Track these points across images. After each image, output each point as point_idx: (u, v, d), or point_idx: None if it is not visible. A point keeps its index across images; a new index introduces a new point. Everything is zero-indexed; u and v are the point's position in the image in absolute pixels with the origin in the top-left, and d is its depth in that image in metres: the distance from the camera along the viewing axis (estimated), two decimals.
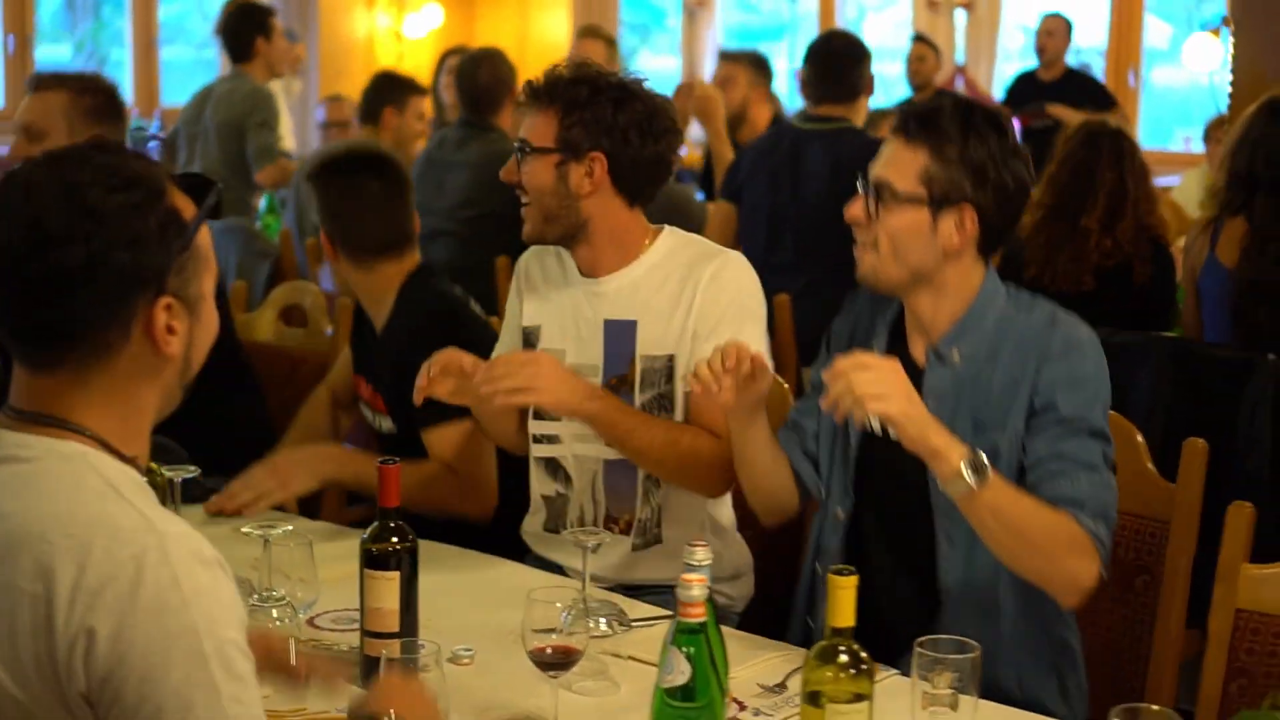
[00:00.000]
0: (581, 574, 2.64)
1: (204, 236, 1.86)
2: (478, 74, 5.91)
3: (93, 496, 1.76)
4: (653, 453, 2.93)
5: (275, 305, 4.47)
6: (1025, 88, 8.78)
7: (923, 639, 2.18)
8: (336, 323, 4.29)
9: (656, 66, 15.58)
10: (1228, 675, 2.52)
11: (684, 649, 2.03)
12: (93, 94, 3.89)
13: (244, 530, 2.88)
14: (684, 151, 7.45)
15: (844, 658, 2.08)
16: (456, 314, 3.50)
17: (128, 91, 12.63)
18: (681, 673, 2.01)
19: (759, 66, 6.74)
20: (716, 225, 5.19)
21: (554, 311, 3.10)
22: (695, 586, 2.02)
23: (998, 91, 12.38)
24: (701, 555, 2.12)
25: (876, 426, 2.54)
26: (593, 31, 7.17)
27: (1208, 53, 9.41)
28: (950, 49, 12.46)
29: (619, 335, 3.02)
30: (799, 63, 5.30)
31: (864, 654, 2.09)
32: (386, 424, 3.57)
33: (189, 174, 1.89)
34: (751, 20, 17.58)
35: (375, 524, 2.54)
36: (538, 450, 3.16)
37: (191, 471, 3.05)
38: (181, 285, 1.82)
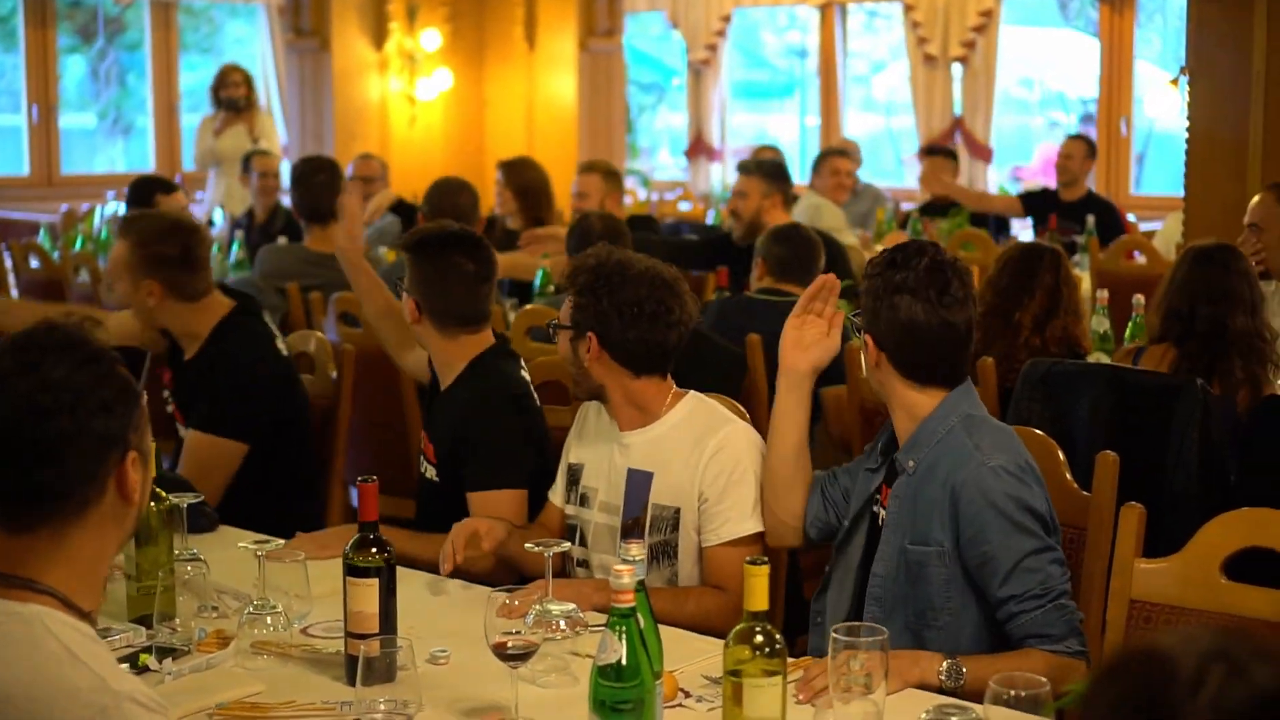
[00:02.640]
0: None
1: (143, 398, 2.13)
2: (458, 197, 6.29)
3: (51, 661, 1.94)
4: (663, 621, 3.27)
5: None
6: (1044, 205, 9.10)
7: (839, 625, 2.48)
8: (342, 368, 4.60)
9: (668, 124, 15.96)
10: None
11: (616, 631, 2.31)
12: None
13: (240, 545, 3.17)
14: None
15: (759, 638, 2.37)
16: (518, 399, 3.87)
17: (149, 156, 13.01)
18: (614, 651, 2.30)
19: (773, 177, 7.05)
20: None
21: (594, 455, 3.58)
22: (625, 576, 2.31)
23: (994, 142, 12.72)
24: (635, 550, 2.42)
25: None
26: (590, 167, 7.56)
27: (1161, 101, 9.73)
28: (948, 102, 12.80)
29: (638, 484, 3.47)
30: (807, 117, 5.60)
31: (778, 635, 2.38)
32: (431, 472, 3.91)
33: (122, 347, 2.17)
34: (758, 77, 17.91)
35: (356, 537, 2.84)
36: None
37: (194, 497, 3.35)
38: (140, 441, 2.10)
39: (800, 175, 12.77)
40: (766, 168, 7.21)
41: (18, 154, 13.25)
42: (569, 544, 3.13)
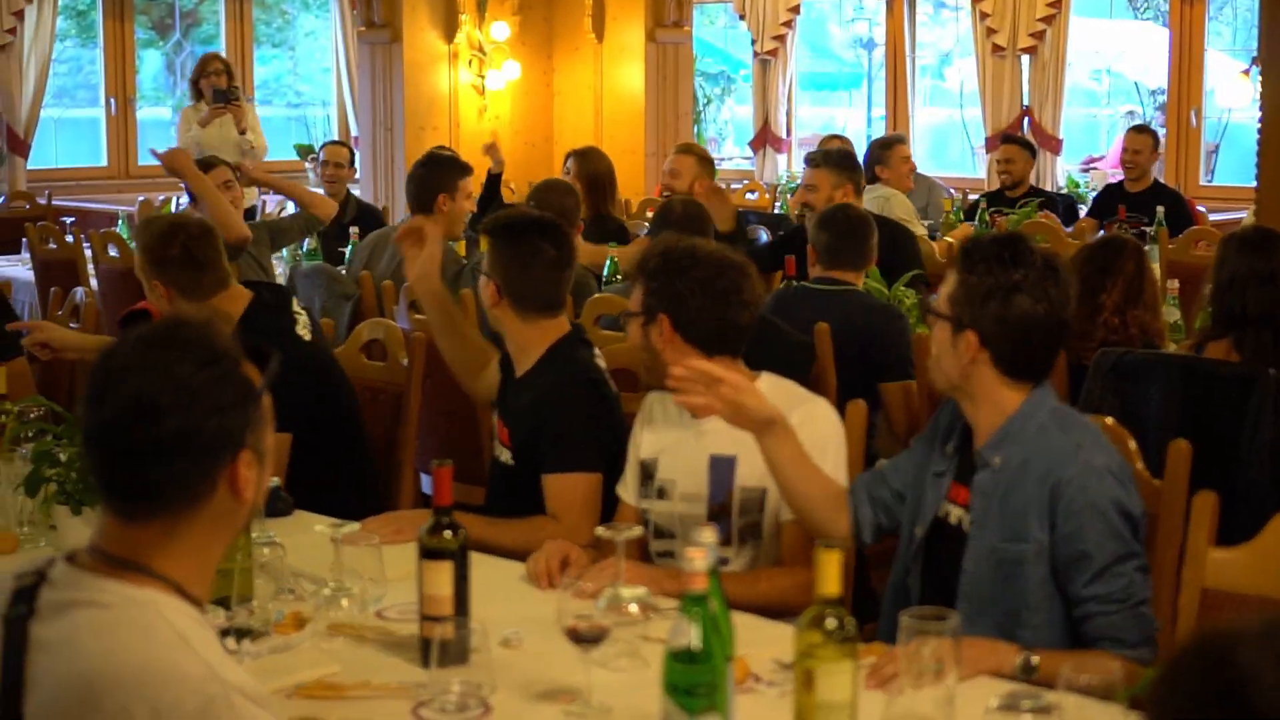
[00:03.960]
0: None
1: (267, 397, 2.16)
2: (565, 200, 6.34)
3: (163, 647, 1.98)
4: (735, 606, 3.29)
5: (357, 341, 4.85)
6: (1112, 199, 9.05)
7: (909, 610, 2.50)
8: (412, 355, 4.65)
9: (734, 115, 15.98)
10: None
11: (689, 615, 2.34)
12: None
13: (317, 529, 3.22)
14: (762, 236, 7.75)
15: (831, 623, 2.39)
16: (597, 384, 3.92)
17: None
18: (686, 635, 2.32)
19: (842, 166, 7.01)
20: None
21: (668, 447, 3.60)
22: (698, 560, 2.33)
23: (1064, 133, 12.63)
24: (707, 535, 2.44)
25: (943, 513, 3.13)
26: (687, 149, 7.56)
27: (1238, 92, 9.62)
28: (1016, 93, 12.72)
29: (721, 469, 3.51)
30: (874, 109, 5.61)
31: (850, 620, 2.40)
32: (506, 455, 3.96)
33: (252, 345, 2.18)
34: (825, 67, 17.89)
35: (431, 520, 2.88)
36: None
37: (273, 482, 3.40)
38: (256, 440, 2.12)
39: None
40: (835, 158, 7.18)
41: (96, 146, 13.43)
42: (640, 529, 3.16)
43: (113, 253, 7.86)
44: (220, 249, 4.49)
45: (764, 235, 8.02)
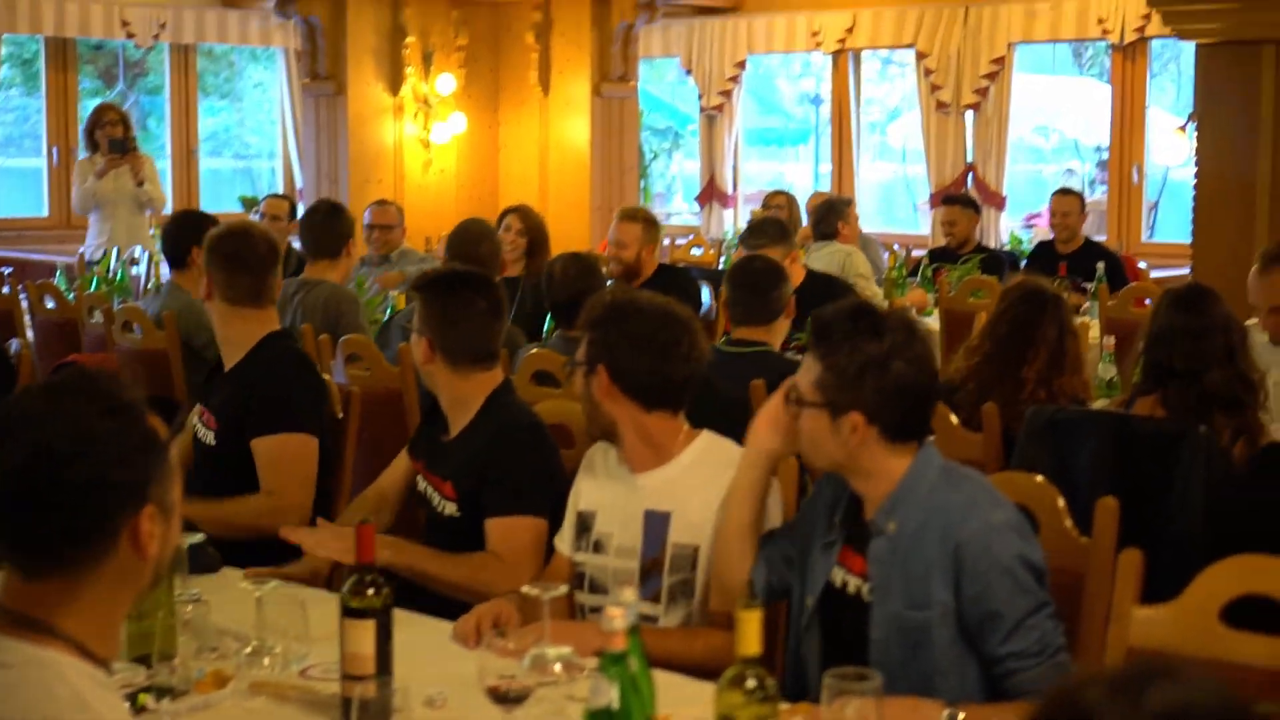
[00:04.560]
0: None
1: (173, 450, 2.13)
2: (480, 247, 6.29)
3: (64, 708, 1.95)
4: (672, 664, 3.20)
5: None
6: (1047, 258, 9.13)
7: (832, 671, 2.48)
8: (347, 409, 4.62)
9: (683, 169, 16.02)
10: None
11: (608, 675, 2.31)
12: None
13: (241, 584, 3.18)
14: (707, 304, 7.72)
15: (751, 683, 2.36)
16: (539, 429, 3.92)
17: (169, 194, 13.10)
18: (604, 695, 2.30)
19: (784, 237, 7.03)
20: None
21: (606, 500, 3.58)
22: (617, 620, 2.32)
23: (1008, 189, 12.74)
24: (628, 595, 2.42)
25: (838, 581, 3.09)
26: (632, 215, 7.51)
27: (1174, 148, 9.71)
28: (960, 149, 12.82)
29: (656, 525, 3.48)
30: (821, 164, 5.57)
31: (770, 680, 2.38)
32: (451, 508, 3.92)
33: (157, 397, 2.17)
34: (773, 123, 17.99)
35: (353, 577, 2.85)
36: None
37: (197, 537, 3.36)
38: (161, 494, 2.08)
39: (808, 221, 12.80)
40: (774, 232, 7.16)
41: (38, 196, 13.35)
42: (565, 588, 3.13)
43: (49, 304, 7.78)
44: (270, 264, 4.47)
45: (706, 291, 8.02)
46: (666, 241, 12.30)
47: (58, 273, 8.96)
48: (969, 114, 12.72)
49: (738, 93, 14.20)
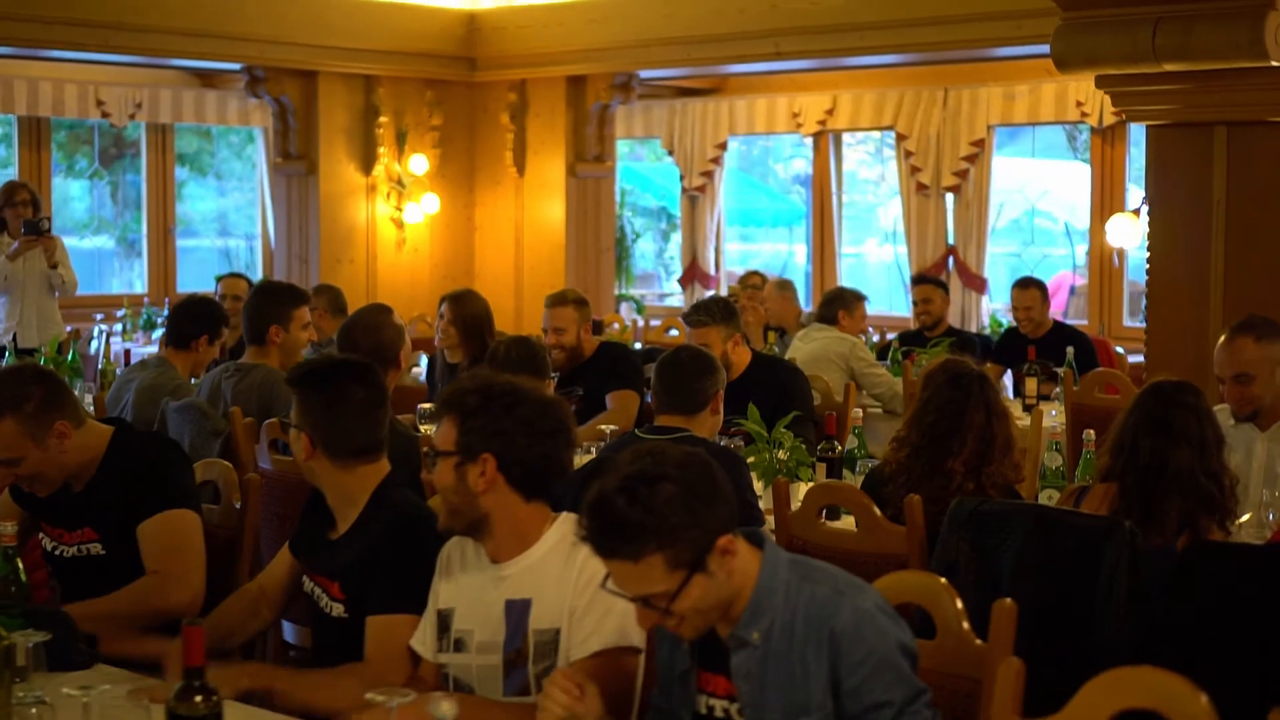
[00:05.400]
0: None
1: None
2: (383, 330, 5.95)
3: None
4: None
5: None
6: (1016, 344, 8.98)
7: None
8: (245, 497, 4.45)
9: (651, 250, 15.92)
10: None
11: None
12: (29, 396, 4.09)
13: (65, 691, 3.00)
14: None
15: None
16: (428, 523, 3.65)
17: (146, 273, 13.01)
18: None
19: (729, 318, 6.90)
20: None
21: (465, 596, 3.41)
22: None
23: (992, 271, 12.60)
24: (446, 708, 2.24)
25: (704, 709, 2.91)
26: (562, 299, 7.38)
27: (1127, 232, 9.56)
28: (941, 231, 12.71)
29: (517, 613, 3.32)
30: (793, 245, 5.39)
31: None
32: (338, 609, 3.74)
33: None
34: (754, 204, 17.91)
35: (180, 684, 2.67)
36: None
37: (41, 636, 3.18)
38: None
39: (805, 302, 12.68)
40: (719, 312, 7.01)
41: None
42: (413, 694, 2.94)
43: None
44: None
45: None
46: (640, 324, 12.20)
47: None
48: (949, 196, 12.61)
49: (719, 174, 14.11)
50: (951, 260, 12.66)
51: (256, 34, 10.86)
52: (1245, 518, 4.70)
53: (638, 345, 10.63)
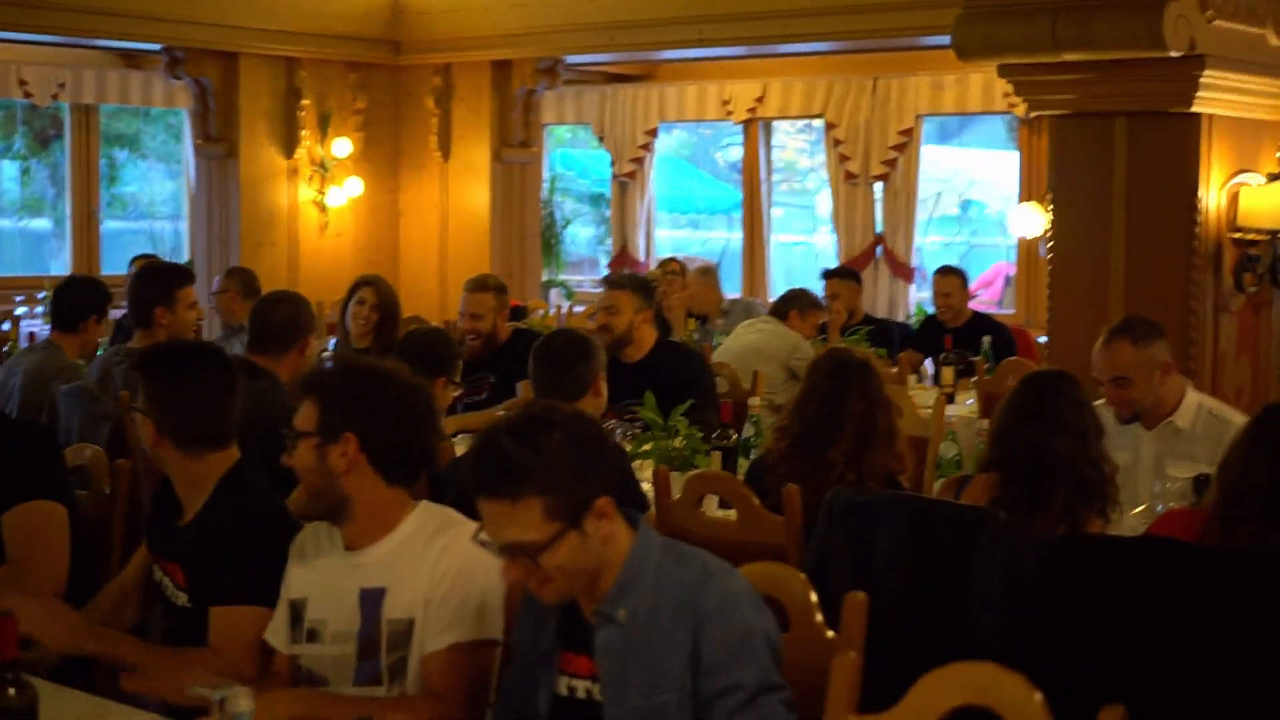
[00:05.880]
0: None
1: None
2: (275, 312, 5.81)
3: None
4: None
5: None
6: (934, 332, 8.96)
7: None
8: (115, 484, 4.36)
9: (588, 236, 15.86)
10: None
11: None
12: None
13: None
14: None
15: None
16: (274, 513, 3.61)
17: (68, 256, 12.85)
18: None
19: (645, 293, 6.87)
20: None
21: (319, 583, 3.33)
22: None
23: (917, 259, 12.60)
24: (243, 704, 2.17)
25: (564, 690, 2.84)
26: (482, 284, 7.30)
27: (1030, 221, 9.56)
28: (870, 220, 12.68)
29: (371, 602, 3.24)
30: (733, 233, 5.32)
31: None
32: (183, 598, 3.65)
33: None
34: (684, 192, 17.86)
35: None
36: None
37: None
38: None
39: (732, 287, 12.63)
40: (638, 283, 7.01)
41: None
42: (240, 687, 2.87)
43: None
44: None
45: None
46: (564, 309, 12.13)
47: None
48: (878, 185, 12.59)
49: (650, 160, 14.04)
50: (880, 249, 12.65)
51: (176, 14, 10.70)
52: (1140, 509, 4.68)
53: None
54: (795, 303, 8.66)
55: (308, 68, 11.67)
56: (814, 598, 3.08)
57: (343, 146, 11.81)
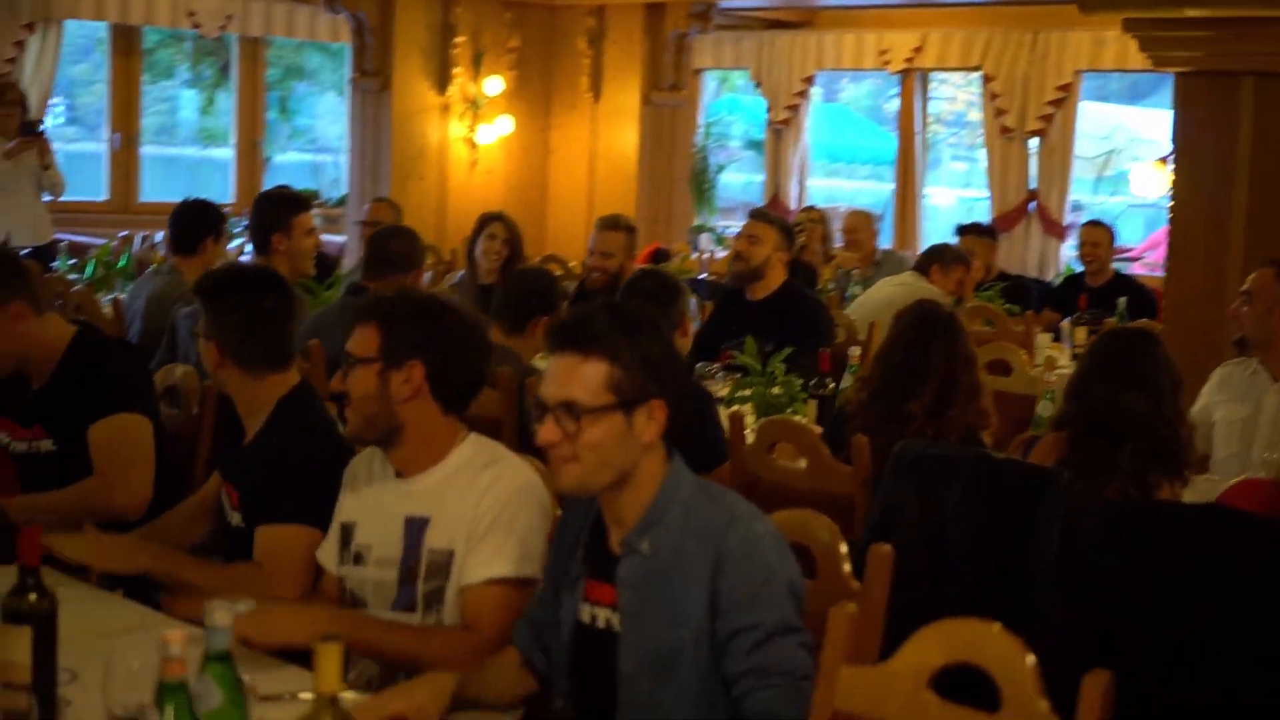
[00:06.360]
0: None
1: None
2: (391, 242, 6.06)
3: None
4: (400, 658, 3.13)
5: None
6: (1074, 290, 8.78)
7: None
8: (203, 405, 4.47)
9: (739, 181, 15.78)
10: None
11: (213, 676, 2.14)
12: None
13: None
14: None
15: None
16: (326, 436, 3.68)
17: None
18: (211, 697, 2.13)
19: (786, 232, 6.89)
20: None
21: (367, 509, 3.38)
22: (174, 645, 2.13)
23: (1070, 218, 12.35)
24: (219, 617, 2.22)
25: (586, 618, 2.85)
26: (614, 224, 7.35)
27: (1152, 181, 9.29)
28: (1024, 176, 12.46)
29: (414, 530, 3.28)
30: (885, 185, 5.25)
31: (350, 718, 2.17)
32: (237, 518, 3.75)
33: None
34: (838, 140, 17.68)
35: (16, 580, 2.67)
36: None
37: None
38: None
39: (883, 240, 12.49)
40: (782, 223, 7.01)
41: (98, 180, 13.46)
42: (251, 602, 2.93)
43: None
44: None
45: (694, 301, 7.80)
46: (707, 255, 12.10)
47: (58, 257, 8.94)
48: (1033, 140, 12.35)
49: (805, 108, 13.92)
50: (1033, 205, 12.43)
51: None
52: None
53: (702, 276, 10.58)
54: (939, 258, 8.53)
55: (463, 4, 11.77)
56: (843, 547, 3.05)
57: (495, 85, 11.89)
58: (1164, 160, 6.46)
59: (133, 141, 13.38)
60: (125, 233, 10.39)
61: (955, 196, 15.87)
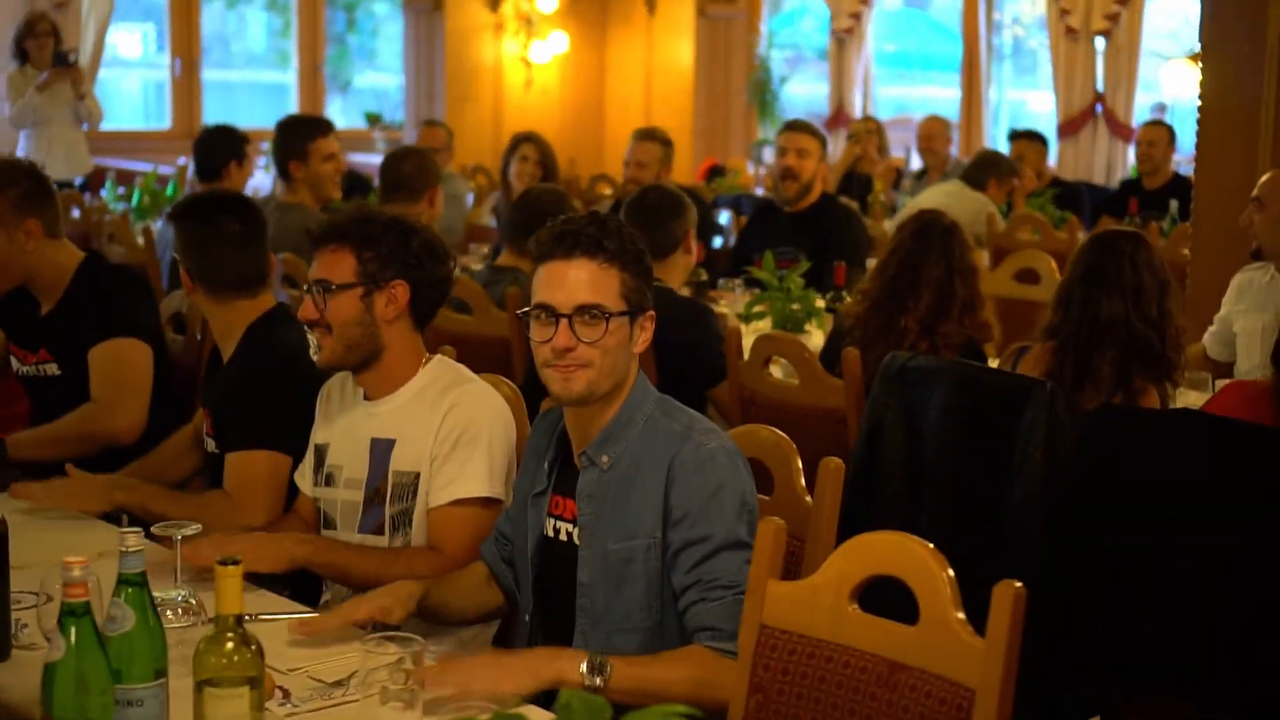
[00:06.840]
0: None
1: None
2: (404, 164, 6.08)
3: None
4: (368, 581, 3.12)
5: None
6: (1129, 195, 8.62)
7: (374, 634, 2.30)
8: (205, 333, 4.51)
9: (804, 93, 15.56)
10: (749, 690, 2.53)
11: (66, 629, 2.16)
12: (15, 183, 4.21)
13: None
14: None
15: (229, 645, 2.18)
16: (292, 360, 3.63)
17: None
18: (56, 650, 2.14)
19: (824, 142, 6.86)
20: None
21: (338, 431, 3.41)
22: (75, 569, 2.15)
23: (1136, 118, 12.11)
24: (130, 540, 2.24)
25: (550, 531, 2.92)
26: (650, 135, 7.33)
27: (1184, 79, 9.08)
28: (1090, 78, 12.22)
29: (380, 452, 3.32)
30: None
31: (253, 642, 2.19)
32: (211, 445, 3.79)
33: None
34: (902, 47, 17.38)
35: None
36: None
37: None
38: None
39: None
40: (818, 132, 6.95)
41: (161, 108, 13.54)
42: (198, 526, 2.96)
43: (75, 214, 7.83)
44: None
45: (727, 215, 7.77)
46: (762, 171, 12.00)
47: (106, 184, 9.02)
48: (1099, 40, 12.11)
49: (868, 15, 13.72)
50: (1099, 108, 12.20)
51: None
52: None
53: (758, 190, 10.52)
54: (993, 170, 8.42)
55: None
56: (798, 463, 3.03)
57: (548, 1, 11.83)
58: (1195, 57, 6.27)
59: (194, 66, 13.43)
60: (184, 160, 10.45)
61: (1020, 100, 15.57)
